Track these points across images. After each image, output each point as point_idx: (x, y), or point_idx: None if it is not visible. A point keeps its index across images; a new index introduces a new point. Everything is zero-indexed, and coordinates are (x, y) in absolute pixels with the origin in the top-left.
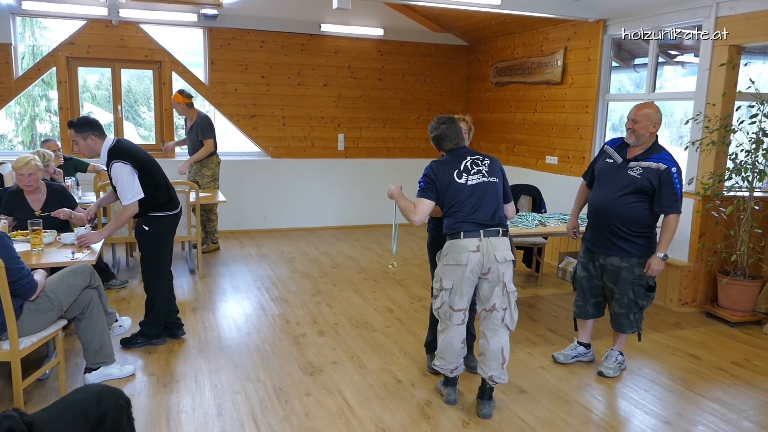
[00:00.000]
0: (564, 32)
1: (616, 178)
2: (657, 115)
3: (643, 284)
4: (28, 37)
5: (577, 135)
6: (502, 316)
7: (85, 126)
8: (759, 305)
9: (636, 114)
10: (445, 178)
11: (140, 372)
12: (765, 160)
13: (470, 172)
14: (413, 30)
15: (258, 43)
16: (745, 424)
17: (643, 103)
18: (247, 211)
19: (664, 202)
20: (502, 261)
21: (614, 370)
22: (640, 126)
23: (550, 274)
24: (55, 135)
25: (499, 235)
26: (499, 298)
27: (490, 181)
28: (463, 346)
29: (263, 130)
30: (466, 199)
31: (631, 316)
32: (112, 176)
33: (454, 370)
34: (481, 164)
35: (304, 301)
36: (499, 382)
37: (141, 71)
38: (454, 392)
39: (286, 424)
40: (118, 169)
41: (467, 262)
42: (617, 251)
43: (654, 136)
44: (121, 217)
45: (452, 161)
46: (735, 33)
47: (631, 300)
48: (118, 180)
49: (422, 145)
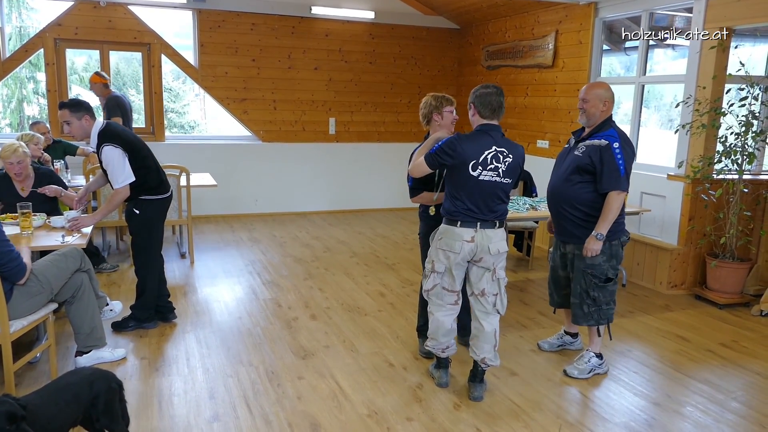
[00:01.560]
0: (555, 15)
1: (565, 161)
2: (606, 93)
3: (597, 274)
4: (15, 18)
5: (568, 119)
6: (494, 302)
7: (80, 106)
8: (747, 287)
9: (586, 93)
10: (461, 162)
11: (132, 355)
12: (754, 143)
13: (486, 167)
14: (404, 13)
15: (248, 25)
16: (733, 405)
17: (593, 83)
18: (238, 195)
19: (605, 178)
20: (495, 253)
21: (580, 371)
22: (589, 105)
23: (541, 258)
24: (44, 117)
25: (496, 227)
26: (488, 283)
27: (502, 182)
28: (454, 326)
29: (254, 114)
30: (471, 192)
31: (584, 308)
32: (103, 160)
33: (446, 350)
34: (502, 162)
35: (296, 285)
36: (491, 365)
37: (130, 54)
38: (446, 375)
39: (279, 407)
40: (108, 152)
41: (460, 251)
42: (572, 238)
43: (605, 115)
44: (112, 200)
45: (478, 145)
46: (725, 15)
47: (583, 290)
48: (109, 163)
49: (413, 129)
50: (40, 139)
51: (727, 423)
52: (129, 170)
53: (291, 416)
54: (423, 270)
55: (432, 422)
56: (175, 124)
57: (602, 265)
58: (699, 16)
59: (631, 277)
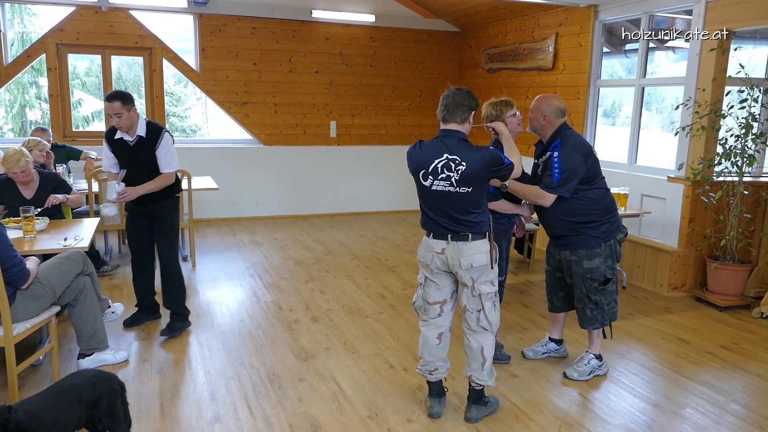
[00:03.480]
0: (555, 18)
1: (537, 176)
2: (547, 108)
3: (595, 277)
4: (17, 23)
5: (568, 121)
6: (477, 318)
7: (129, 99)
8: (748, 289)
9: (531, 105)
10: (412, 169)
11: (134, 358)
12: (754, 145)
13: (437, 176)
14: (405, 16)
15: (249, 29)
16: (733, 407)
17: (540, 96)
18: (240, 198)
19: (544, 180)
20: (467, 267)
21: (580, 373)
22: (531, 118)
23: (542, 260)
24: (46, 122)
25: (469, 239)
26: (468, 299)
27: (458, 191)
28: (440, 343)
29: (255, 118)
30: (429, 203)
31: (588, 312)
32: (162, 145)
33: (434, 372)
34: (454, 170)
35: (297, 287)
36: (482, 384)
37: (131, 58)
38: (438, 404)
39: (280, 408)
40: (167, 138)
41: (431, 262)
42: (567, 246)
43: (551, 128)
44: (159, 180)
45: (428, 153)
46: (725, 17)
47: (584, 294)
48: (168, 149)
49: (415, 131)
50: (45, 146)
51: (726, 425)
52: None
53: (292, 418)
54: None
55: (432, 423)
56: (177, 128)
57: (599, 268)
58: (698, 18)
59: (632, 279)
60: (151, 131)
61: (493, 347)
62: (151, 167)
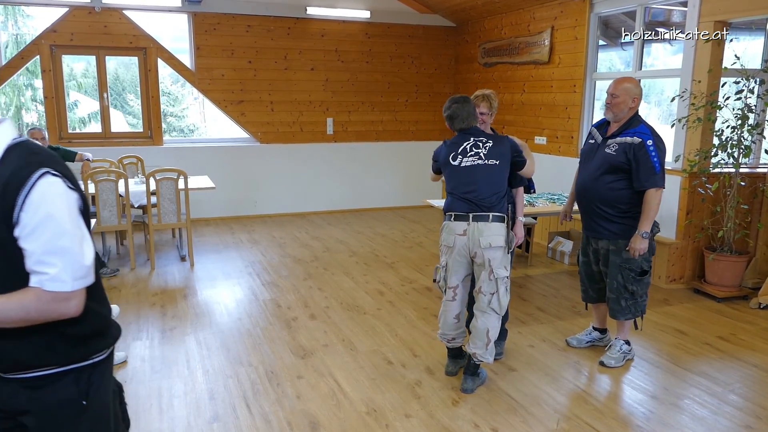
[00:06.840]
0: (551, 11)
1: (595, 158)
2: (636, 89)
3: (633, 268)
4: (11, 25)
5: (565, 115)
6: (489, 300)
7: None
8: (745, 280)
9: (615, 88)
10: (442, 159)
11: (132, 358)
12: (750, 136)
13: (467, 154)
14: (400, 12)
15: (243, 27)
16: (731, 397)
17: (622, 77)
18: (237, 197)
19: (641, 176)
20: (486, 247)
21: (617, 360)
22: (619, 101)
23: (540, 254)
24: (42, 124)
25: (489, 220)
26: (485, 282)
27: (487, 164)
28: (457, 321)
29: (251, 116)
30: (460, 181)
31: (622, 302)
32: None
33: (451, 341)
34: (482, 146)
35: (295, 285)
36: (482, 361)
37: (128, 58)
38: (453, 365)
39: (278, 406)
40: (47, 190)
41: (454, 245)
42: (605, 234)
43: (633, 111)
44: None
45: (458, 141)
46: (720, 8)
47: (621, 285)
48: (50, 220)
49: (411, 128)
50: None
51: (724, 415)
52: None
53: (290, 415)
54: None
55: (430, 419)
56: (175, 128)
57: (637, 259)
58: (694, 9)
59: None
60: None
61: (498, 330)
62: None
